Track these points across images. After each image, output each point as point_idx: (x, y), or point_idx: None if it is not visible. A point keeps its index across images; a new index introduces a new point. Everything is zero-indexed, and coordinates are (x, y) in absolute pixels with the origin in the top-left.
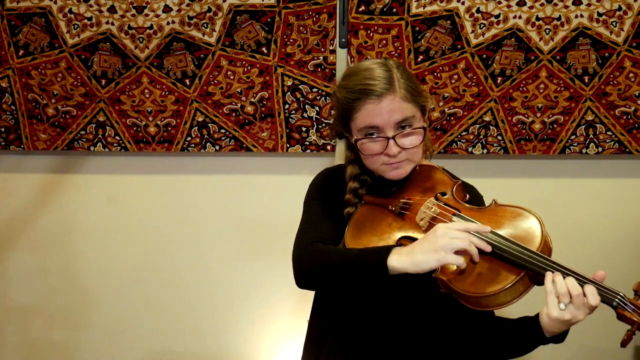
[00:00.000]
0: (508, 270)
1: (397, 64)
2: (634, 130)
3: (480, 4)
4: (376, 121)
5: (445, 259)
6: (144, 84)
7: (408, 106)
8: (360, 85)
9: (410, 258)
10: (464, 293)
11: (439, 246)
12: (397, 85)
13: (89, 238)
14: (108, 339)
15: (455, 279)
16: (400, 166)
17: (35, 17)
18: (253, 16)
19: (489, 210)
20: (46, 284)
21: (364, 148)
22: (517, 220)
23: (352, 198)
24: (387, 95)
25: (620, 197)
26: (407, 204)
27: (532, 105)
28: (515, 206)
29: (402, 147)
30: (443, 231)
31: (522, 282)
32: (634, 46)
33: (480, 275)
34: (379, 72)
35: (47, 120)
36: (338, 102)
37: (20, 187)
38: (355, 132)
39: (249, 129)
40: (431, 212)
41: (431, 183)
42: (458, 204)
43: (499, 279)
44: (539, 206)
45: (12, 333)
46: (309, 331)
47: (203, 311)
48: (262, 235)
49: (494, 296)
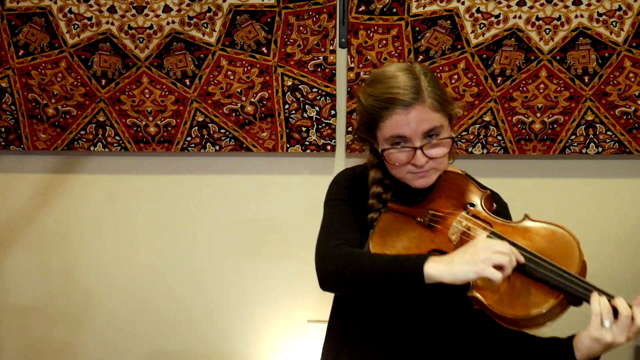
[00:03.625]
0: (546, 292)
1: (424, 70)
2: (634, 130)
3: (480, 4)
4: (404, 131)
5: (484, 272)
6: (144, 84)
7: (436, 116)
8: (387, 94)
9: (449, 267)
10: (500, 314)
11: (479, 258)
12: (425, 94)
13: (89, 238)
14: (108, 339)
15: (491, 299)
16: (426, 175)
17: (35, 17)
18: (253, 16)
19: (521, 227)
20: (46, 284)
21: (390, 158)
22: (553, 240)
23: (376, 203)
24: (416, 105)
25: (620, 197)
26: (437, 216)
27: (532, 105)
28: (549, 223)
29: (430, 157)
30: (485, 245)
31: (560, 305)
32: (634, 46)
33: (518, 297)
34: (406, 80)
35: (47, 120)
36: (363, 109)
37: (20, 187)
38: (382, 141)
39: (249, 129)
40: (462, 227)
41: (458, 192)
42: (488, 217)
43: (537, 302)
44: (538, 206)
45: (12, 333)
46: (329, 334)
47: (203, 311)
48: (262, 235)
49: (531, 319)
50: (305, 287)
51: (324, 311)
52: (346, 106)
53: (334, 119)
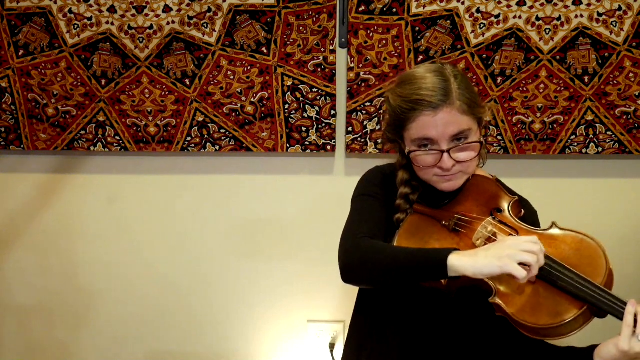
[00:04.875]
0: (570, 302)
1: (455, 72)
2: (634, 130)
3: (480, 4)
4: (431, 134)
5: (508, 268)
6: (144, 84)
7: (465, 119)
8: (415, 95)
9: (473, 260)
10: (522, 322)
11: (505, 254)
12: (454, 96)
13: (89, 238)
14: (108, 339)
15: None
16: (453, 178)
17: (35, 17)
18: (253, 16)
19: (548, 234)
20: (46, 284)
21: (417, 160)
22: (580, 249)
23: (404, 204)
24: (444, 107)
25: (620, 197)
26: (462, 220)
27: (532, 105)
28: (576, 232)
29: (457, 160)
30: (514, 242)
31: (584, 316)
32: (634, 46)
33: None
34: (435, 81)
35: (47, 120)
36: (391, 109)
37: (20, 187)
38: (409, 143)
39: (249, 129)
40: (487, 232)
41: (486, 197)
42: (515, 223)
43: (560, 312)
44: (538, 206)
45: (12, 333)
46: (351, 330)
47: (203, 311)
48: (263, 235)
49: (554, 328)
50: (305, 287)
51: (324, 311)
52: (346, 106)
53: (334, 119)
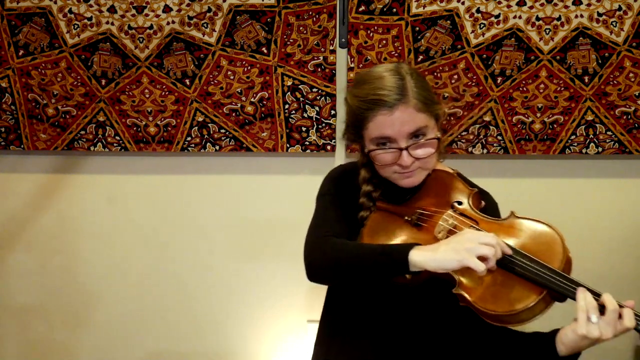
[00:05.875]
0: (530, 289)
1: (411, 71)
2: (634, 130)
3: (480, 4)
4: (388, 132)
5: (467, 261)
6: (144, 84)
7: (421, 116)
8: (372, 95)
9: (433, 255)
10: (485, 310)
11: (463, 248)
12: (410, 95)
13: (89, 238)
14: (108, 339)
15: (475, 295)
16: (412, 175)
17: (35, 17)
18: (253, 16)
19: (507, 224)
20: (46, 284)
21: (376, 158)
22: (538, 236)
23: (366, 202)
24: (400, 105)
25: (620, 197)
26: (424, 214)
27: (532, 105)
28: (534, 220)
29: (415, 157)
30: (472, 235)
31: (544, 301)
32: (634, 46)
33: (502, 293)
34: (391, 80)
35: (47, 120)
36: (350, 109)
37: (20, 187)
38: (368, 142)
39: (249, 129)
40: (448, 225)
41: (446, 191)
42: (475, 215)
43: (520, 298)
44: (539, 206)
45: (12, 333)
46: (320, 329)
47: (203, 311)
48: (262, 235)
49: (515, 314)
50: (305, 287)
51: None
52: None
53: (334, 119)
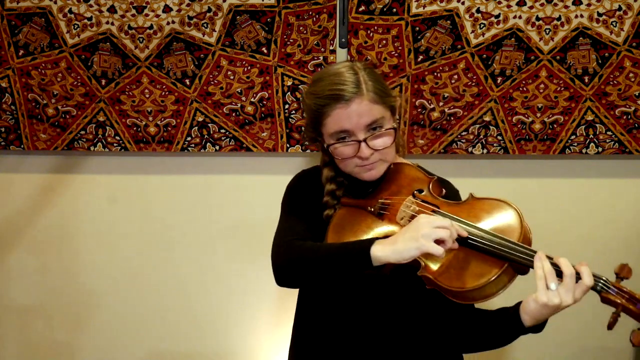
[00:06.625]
0: (491, 263)
1: (364, 66)
2: (634, 130)
3: (480, 4)
4: (346, 125)
5: (425, 247)
6: (144, 84)
7: (377, 108)
8: (328, 91)
9: (393, 247)
10: (450, 288)
11: (419, 235)
12: (364, 88)
13: (89, 238)
14: (108, 339)
15: (440, 275)
16: (373, 167)
17: (35, 17)
18: (253, 16)
19: (467, 205)
20: (46, 284)
21: (336, 152)
22: (496, 213)
23: (330, 200)
24: (355, 98)
25: (620, 197)
26: (386, 204)
27: (532, 105)
28: (492, 199)
29: (374, 148)
30: (425, 220)
31: (506, 273)
32: (634, 46)
33: (465, 270)
34: (346, 76)
35: (47, 120)
36: (308, 108)
37: (20, 187)
38: (327, 137)
39: (249, 129)
40: (410, 211)
41: (407, 181)
42: (436, 200)
43: (483, 272)
44: (539, 206)
45: (12, 333)
46: (294, 332)
47: (203, 311)
48: (262, 235)
49: (480, 289)
50: None
51: None
52: None
53: None
